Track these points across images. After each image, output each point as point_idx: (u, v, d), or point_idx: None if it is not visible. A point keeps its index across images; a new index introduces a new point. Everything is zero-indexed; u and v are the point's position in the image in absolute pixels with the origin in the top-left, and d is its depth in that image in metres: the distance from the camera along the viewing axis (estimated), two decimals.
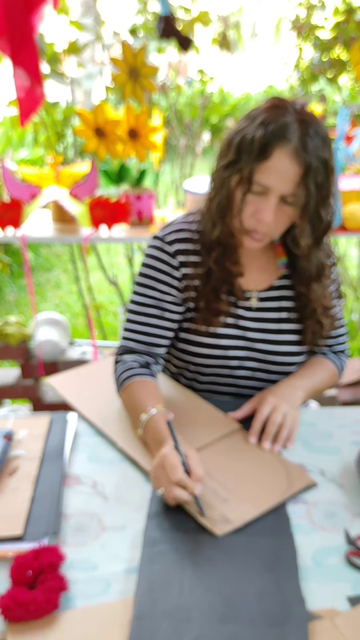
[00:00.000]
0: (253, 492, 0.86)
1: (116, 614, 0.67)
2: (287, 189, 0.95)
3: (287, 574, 0.72)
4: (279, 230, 1.02)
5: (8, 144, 5.04)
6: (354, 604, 0.69)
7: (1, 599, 0.66)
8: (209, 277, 1.07)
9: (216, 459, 0.93)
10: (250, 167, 0.95)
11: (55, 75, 2.47)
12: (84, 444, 1.00)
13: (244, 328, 1.10)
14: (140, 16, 2.97)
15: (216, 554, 0.75)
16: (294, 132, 0.93)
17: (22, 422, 1.04)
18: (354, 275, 3.32)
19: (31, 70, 1.64)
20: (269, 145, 0.93)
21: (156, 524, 0.80)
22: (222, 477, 0.89)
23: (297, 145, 0.93)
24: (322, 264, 1.09)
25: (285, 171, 0.94)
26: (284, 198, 0.96)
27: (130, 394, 1.03)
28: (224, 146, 1.01)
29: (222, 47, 3.61)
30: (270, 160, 0.94)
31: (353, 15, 2.91)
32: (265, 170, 0.94)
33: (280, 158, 0.93)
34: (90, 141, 1.94)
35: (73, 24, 2.46)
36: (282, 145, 0.93)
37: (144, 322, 1.11)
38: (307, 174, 0.94)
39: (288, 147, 0.93)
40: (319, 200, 0.97)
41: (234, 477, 0.90)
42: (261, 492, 0.86)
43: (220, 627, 0.65)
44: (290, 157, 0.93)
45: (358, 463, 0.92)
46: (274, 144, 0.93)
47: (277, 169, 0.94)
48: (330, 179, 0.97)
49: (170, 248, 1.09)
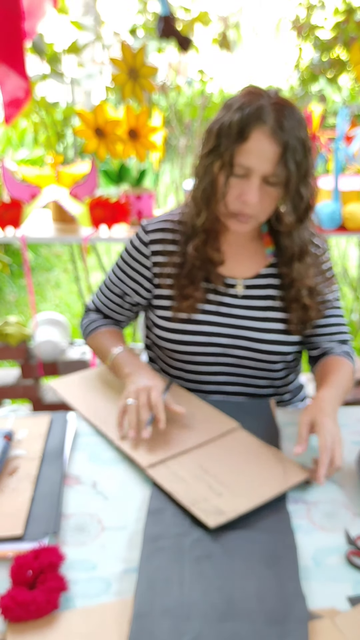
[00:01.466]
0: (248, 485, 0.87)
1: (116, 614, 0.67)
2: (268, 168, 0.98)
3: (287, 571, 0.72)
4: (265, 212, 1.05)
5: (8, 144, 5.05)
6: (354, 604, 0.69)
7: (1, 599, 0.66)
8: (184, 265, 1.11)
9: (212, 456, 0.94)
10: (231, 151, 0.99)
11: (55, 75, 2.47)
12: (84, 444, 1.00)
13: (229, 315, 1.12)
14: (140, 16, 2.97)
15: (216, 551, 0.75)
16: (269, 113, 0.98)
17: (22, 422, 1.04)
18: (354, 275, 3.32)
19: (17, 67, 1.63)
20: (246, 128, 0.97)
21: (156, 521, 0.80)
22: (218, 472, 0.90)
23: (273, 126, 0.97)
24: (305, 243, 1.11)
25: (264, 151, 0.98)
26: (266, 179, 1.00)
27: (99, 338, 1.19)
28: (205, 136, 1.06)
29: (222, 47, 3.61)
30: (249, 141, 0.98)
31: (353, 15, 2.91)
32: (244, 152, 0.98)
33: (258, 139, 0.98)
34: (90, 141, 1.94)
35: (73, 24, 2.46)
36: (259, 127, 0.97)
37: (107, 297, 1.23)
38: (286, 153, 0.98)
39: (265, 127, 0.97)
40: (300, 178, 1.01)
41: (229, 472, 0.90)
42: (256, 485, 0.87)
43: (220, 625, 0.65)
44: (268, 137, 0.97)
45: (358, 463, 0.92)
46: (251, 126, 0.97)
47: (256, 150, 0.98)
48: (308, 158, 1.01)
49: (146, 237, 1.16)
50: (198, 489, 0.85)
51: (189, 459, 0.93)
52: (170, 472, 0.90)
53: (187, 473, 0.89)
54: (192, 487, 0.86)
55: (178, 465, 0.91)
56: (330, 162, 2.20)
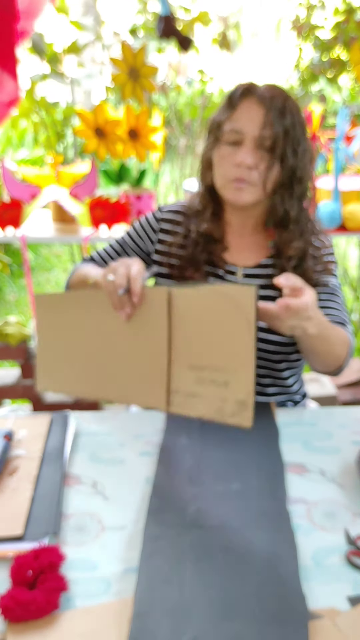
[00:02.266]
0: (232, 351, 0.88)
1: (116, 614, 0.67)
2: (257, 130, 1.03)
3: (287, 571, 0.72)
4: (261, 179, 1.06)
5: (8, 144, 5.05)
6: (354, 604, 0.69)
7: (1, 599, 0.66)
8: (187, 246, 1.15)
9: (188, 344, 0.93)
10: (222, 121, 1.06)
11: (55, 75, 2.47)
12: (84, 444, 1.00)
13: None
14: (140, 16, 2.97)
15: (216, 551, 0.75)
16: (258, 87, 1.06)
17: (22, 422, 1.04)
18: (354, 275, 3.32)
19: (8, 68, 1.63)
20: (235, 99, 1.05)
21: (156, 521, 0.80)
22: (205, 359, 0.90)
23: (262, 94, 1.04)
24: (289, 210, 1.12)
25: (252, 114, 1.04)
26: (258, 142, 1.04)
27: (83, 269, 1.17)
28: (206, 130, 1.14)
29: (222, 47, 3.61)
30: (238, 109, 1.05)
31: (353, 15, 2.91)
32: (234, 118, 1.05)
33: (247, 105, 1.05)
34: (90, 141, 1.94)
35: (73, 24, 2.46)
36: (248, 97, 1.05)
37: (105, 251, 1.26)
38: (275, 114, 1.03)
39: (253, 96, 1.05)
40: (287, 143, 1.05)
41: (211, 351, 0.90)
42: (235, 346, 0.87)
43: (220, 625, 0.65)
44: (257, 103, 1.04)
45: (358, 463, 0.92)
46: (240, 97, 1.05)
47: (245, 114, 1.04)
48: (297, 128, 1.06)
49: (159, 214, 1.22)
50: (209, 393, 0.89)
51: (178, 367, 0.93)
52: (180, 396, 0.93)
53: (189, 383, 0.91)
54: (204, 395, 0.90)
55: (178, 382, 0.93)
56: (330, 162, 2.20)
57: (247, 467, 0.92)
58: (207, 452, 0.96)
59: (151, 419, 1.07)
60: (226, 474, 0.90)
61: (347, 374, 2.31)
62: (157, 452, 0.97)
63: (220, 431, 1.01)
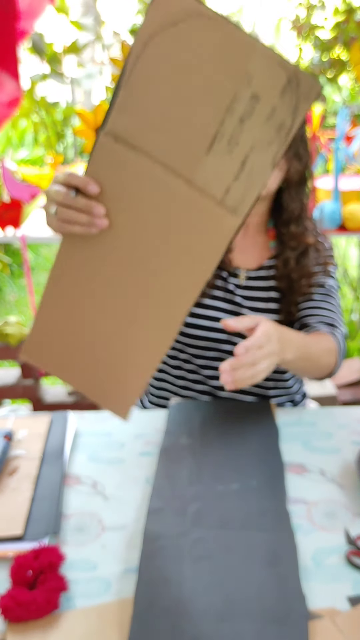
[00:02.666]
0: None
1: (116, 614, 0.67)
2: None
3: (287, 571, 0.72)
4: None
5: (8, 144, 5.05)
6: (354, 604, 0.69)
7: (1, 599, 0.66)
8: None
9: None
10: None
11: (55, 75, 2.47)
12: (84, 444, 1.00)
13: (233, 302, 1.13)
14: (140, 16, 2.97)
15: (216, 551, 0.75)
16: None
17: (22, 422, 1.04)
18: (354, 275, 3.32)
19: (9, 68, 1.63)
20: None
21: (156, 521, 0.80)
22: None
23: None
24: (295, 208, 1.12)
25: None
26: None
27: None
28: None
29: None
30: None
31: (353, 15, 2.92)
32: None
33: None
34: (90, 141, 1.94)
35: (73, 24, 2.46)
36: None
37: None
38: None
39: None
40: (301, 138, 1.04)
41: (205, 104, 0.69)
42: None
43: (220, 625, 0.65)
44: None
45: (358, 463, 0.92)
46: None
47: None
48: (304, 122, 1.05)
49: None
50: (255, 130, 0.69)
51: (198, 169, 0.71)
52: (237, 184, 0.72)
53: (227, 160, 0.70)
54: (254, 140, 0.70)
55: (219, 176, 0.72)
56: (330, 162, 2.20)
57: (247, 467, 0.92)
58: (207, 452, 0.96)
59: (151, 419, 1.07)
60: (226, 474, 0.90)
61: (347, 374, 2.31)
62: (157, 452, 0.97)
63: (221, 431, 1.02)
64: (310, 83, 0.69)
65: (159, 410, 1.15)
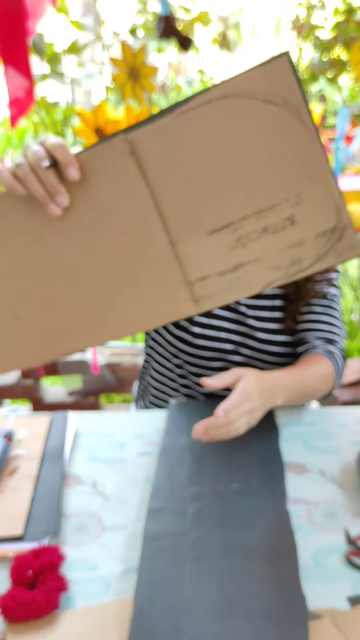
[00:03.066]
0: (286, 176, 0.63)
1: (116, 614, 0.67)
2: None
3: (287, 571, 0.72)
4: None
5: (8, 144, 5.05)
6: (354, 604, 0.69)
7: (1, 599, 0.66)
8: None
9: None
10: None
11: (55, 75, 2.47)
12: (84, 444, 1.00)
13: (241, 313, 1.12)
14: (140, 16, 2.97)
15: (216, 551, 0.75)
16: None
17: (22, 422, 1.04)
18: (354, 275, 3.32)
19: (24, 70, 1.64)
20: None
21: (156, 521, 0.80)
22: (223, 209, 0.65)
23: None
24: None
25: None
26: None
27: None
28: None
29: (222, 47, 3.61)
30: None
31: (353, 15, 2.92)
32: None
33: None
34: (90, 141, 1.94)
35: (73, 24, 2.46)
36: None
37: None
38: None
39: None
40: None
41: (241, 192, 0.64)
42: (289, 165, 0.63)
43: (220, 625, 0.65)
44: None
45: (358, 463, 0.92)
46: None
47: None
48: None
49: None
50: (266, 249, 0.64)
51: (190, 244, 0.67)
52: (214, 280, 0.67)
53: (220, 257, 0.66)
54: (260, 257, 0.66)
55: (199, 264, 0.67)
56: (330, 162, 2.20)
57: (247, 467, 0.92)
58: (207, 452, 0.96)
59: (151, 419, 1.07)
60: (226, 474, 0.90)
61: (347, 374, 2.31)
62: (157, 452, 0.97)
63: None
64: (352, 244, 0.64)
65: (159, 410, 1.15)
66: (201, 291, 0.67)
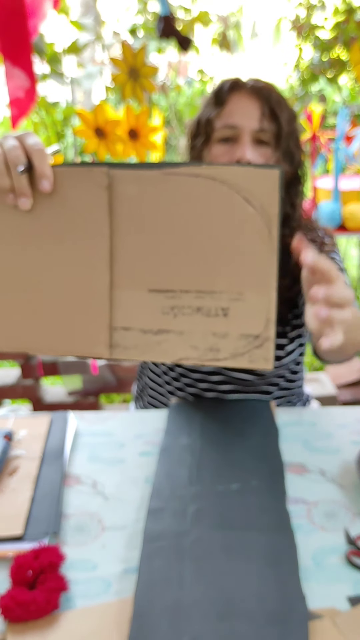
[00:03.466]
0: (237, 270, 0.65)
1: (116, 614, 0.67)
2: (254, 123, 0.97)
3: (287, 571, 0.72)
4: None
5: None
6: (354, 604, 0.69)
7: (1, 599, 0.66)
8: None
9: (146, 256, 0.68)
10: (212, 119, 0.99)
11: (55, 75, 2.47)
12: (84, 444, 1.00)
13: None
14: (140, 16, 2.97)
15: (216, 551, 0.75)
16: (244, 81, 1.00)
17: (22, 422, 1.04)
18: (354, 275, 3.32)
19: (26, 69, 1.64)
20: (223, 95, 0.99)
21: (156, 521, 0.80)
22: (184, 280, 0.67)
23: (251, 87, 0.99)
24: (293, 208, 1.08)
25: (246, 108, 0.98)
26: (256, 136, 0.98)
27: None
28: (189, 132, 1.06)
29: (222, 47, 3.61)
30: (228, 104, 0.99)
31: (353, 15, 2.92)
32: (225, 114, 0.99)
33: (237, 98, 0.99)
34: (90, 141, 1.94)
35: (73, 24, 2.46)
36: (237, 90, 0.99)
37: None
38: (275, 106, 0.97)
39: (242, 89, 0.99)
40: (290, 134, 1.00)
41: (192, 267, 0.66)
42: (242, 261, 0.65)
43: (220, 625, 0.65)
44: (248, 95, 0.98)
45: (358, 463, 0.92)
46: (228, 92, 0.99)
47: (238, 108, 0.98)
48: (293, 117, 1.01)
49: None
50: (193, 327, 0.67)
51: (127, 292, 0.68)
52: (135, 335, 0.69)
53: (150, 315, 0.68)
54: (184, 331, 0.68)
55: (128, 315, 0.68)
56: (330, 162, 2.20)
57: (247, 467, 0.92)
58: (207, 452, 0.96)
59: (151, 419, 1.07)
60: (226, 474, 0.90)
61: (347, 374, 2.31)
62: (157, 452, 0.97)
63: (221, 431, 1.01)
64: (267, 356, 0.67)
65: (159, 410, 1.15)
66: (119, 340, 0.69)
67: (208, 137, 1.00)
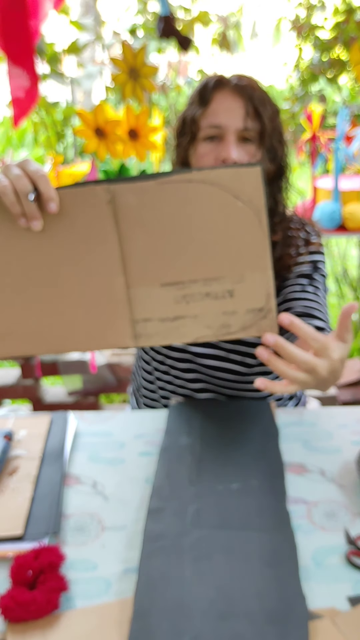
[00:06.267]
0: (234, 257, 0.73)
1: (116, 614, 0.67)
2: (239, 122, 0.98)
3: (287, 571, 0.72)
4: None
5: (8, 144, 5.05)
6: (354, 604, 0.69)
7: (1, 599, 0.66)
8: None
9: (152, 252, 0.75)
10: (196, 118, 1.00)
11: (55, 75, 2.47)
12: (84, 444, 1.00)
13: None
14: (140, 16, 2.97)
15: (216, 551, 0.75)
16: (228, 79, 1.01)
17: (22, 422, 1.04)
18: (354, 275, 3.32)
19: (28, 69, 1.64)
20: (207, 94, 1.00)
21: (156, 521, 0.80)
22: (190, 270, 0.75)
23: (234, 85, 0.99)
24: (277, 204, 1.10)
25: (230, 107, 0.99)
26: (240, 135, 0.99)
27: None
28: (174, 130, 1.07)
29: (222, 47, 3.61)
30: (212, 103, 1.00)
31: (353, 15, 2.92)
32: (211, 114, 1.00)
33: (222, 98, 1.00)
34: (90, 141, 1.94)
35: (73, 24, 2.46)
36: (221, 88, 1.00)
37: None
38: (258, 103, 0.98)
39: (226, 87, 1.00)
40: (273, 131, 1.01)
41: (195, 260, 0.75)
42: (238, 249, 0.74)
43: (220, 625, 0.65)
44: (232, 93, 0.99)
45: (358, 463, 0.92)
46: (212, 91, 1.00)
47: (222, 108, 0.99)
48: (278, 116, 1.02)
49: None
50: (205, 310, 0.75)
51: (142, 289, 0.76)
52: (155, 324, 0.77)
53: (165, 306, 0.76)
54: (197, 315, 0.76)
55: (146, 308, 0.76)
56: (330, 162, 2.20)
57: (247, 467, 0.92)
58: (207, 452, 0.96)
59: (151, 419, 1.07)
60: (226, 474, 0.90)
61: (347, 374, 2.31)
62: (157, 452, 0.97)
63: (221, 431, 1.01)
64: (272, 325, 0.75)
65: (159, 410, 1.15)
66: (141, 330, 0.78)
67: (194, 135, 1.02)
